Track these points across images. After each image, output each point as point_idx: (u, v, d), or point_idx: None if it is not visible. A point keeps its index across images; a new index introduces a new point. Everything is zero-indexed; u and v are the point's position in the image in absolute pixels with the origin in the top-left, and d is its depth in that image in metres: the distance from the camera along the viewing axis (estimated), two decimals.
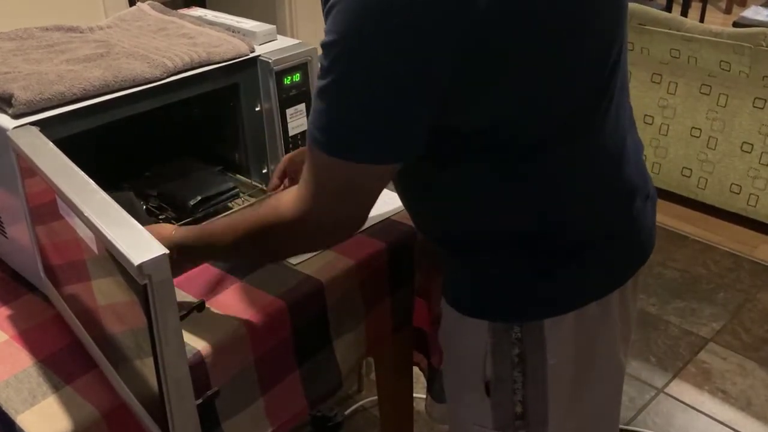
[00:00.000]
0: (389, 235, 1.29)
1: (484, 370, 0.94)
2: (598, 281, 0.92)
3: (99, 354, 0.95)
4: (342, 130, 0.77)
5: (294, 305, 1.14)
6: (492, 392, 0.95)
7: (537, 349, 0.91)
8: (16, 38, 1.23)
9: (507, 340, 0.91)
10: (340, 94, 0.75)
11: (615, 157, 0.90)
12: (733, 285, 2.54)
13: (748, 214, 2.81)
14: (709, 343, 2.28)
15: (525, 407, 0.94)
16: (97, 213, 0.77)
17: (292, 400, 1.20)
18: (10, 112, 1.00)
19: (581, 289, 0.91)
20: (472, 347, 0.95)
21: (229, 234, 0.93)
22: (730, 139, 2.75)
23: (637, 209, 0.94)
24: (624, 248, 0.94)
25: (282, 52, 1.23)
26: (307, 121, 0.83)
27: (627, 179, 0.92)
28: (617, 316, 0.94)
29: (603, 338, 0.95)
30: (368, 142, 0.77)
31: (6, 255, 1.21)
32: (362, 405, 2.01)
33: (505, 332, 0.91)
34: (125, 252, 0.71)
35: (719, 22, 5.15)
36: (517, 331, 0.90)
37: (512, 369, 0.92)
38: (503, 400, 0.95)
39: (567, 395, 0.95)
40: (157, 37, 1.26)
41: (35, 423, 0.91)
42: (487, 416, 0.97)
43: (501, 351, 0.92)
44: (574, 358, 0.93)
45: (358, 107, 0.75)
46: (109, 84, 1.07)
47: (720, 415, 2.01)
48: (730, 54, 2.59)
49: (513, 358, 0.92)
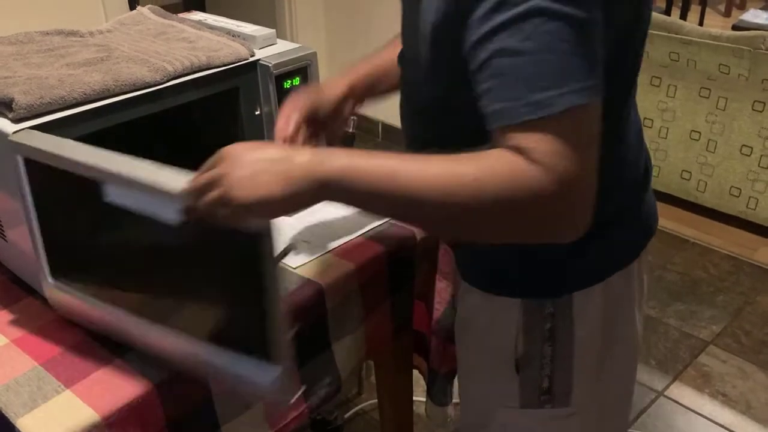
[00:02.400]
0: (389, 239, 1.29)
1: (515, 348, 0.96)
2: (622, 252, 0.95)
3: (146, 327, 0.98)
4: (576, 75, 0.68)
5: (293, 309, 1.14)
6: (521, 369, 0.96)
7: (567, 323, 0.93)
8: (17, 42, 1.24)
9: (539, 316, 0.93)
10: (562, 42, 0.68)
11: (639, 133, 0.94)
12: (732, 288, 2.54)
13: (748, 217, 2.82)
14: (709, 346, 2.28)
15: (551, 381, 0.97)
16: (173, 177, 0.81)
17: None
18: (10, 116, 1.01)
19: (609, 260, 0.93)
20: (503, 327, 0.96)
21: (422, 184, 0.72)
22: (730, 142, 2.75)
23: (650, 182, 0.99)
24: (643, 219, 0.97)
25: (282, 56, 1.24)
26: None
27: (645, 154, 0.97)
28: (636, 285, 0.98)
29: (624, 307, 0.98)
30: (595, 78, 0.70)
31: (6, 258, 1.21)
32: (362, 408, 2.01)
33: (538, 309, 0.93)
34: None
35: (718, 25, 5.15)
36: (549, 306, 0.92)
37: (542, 345, 0.94)
38: (532, 376, 0.97)
39: (591, 366, 0.97)
40: (157, 41, 1.26)
41: (35, 427, 0.91)
42: (514, 394, 0.98)
43: (532, 328, 0.94)
44: (599, 329, 0.95)
45: (583, 48, 0.68)
46: (110, 88, 1.08)
47: (720, 418, 2.01)
48: (730, 57, 2.59)
49: (544, 333, 0.94)
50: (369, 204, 0.77)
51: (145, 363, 1.01)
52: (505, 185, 0.69)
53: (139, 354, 1.02)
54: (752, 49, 2.53)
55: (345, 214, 1.37)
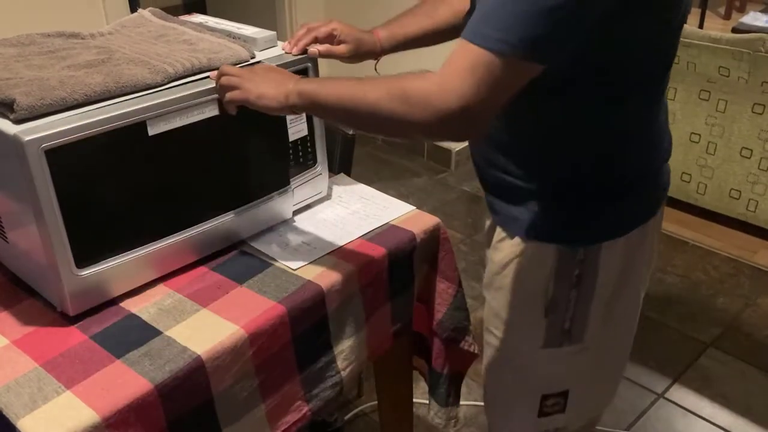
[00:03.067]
0: (389, 241, 1.29)
1: (546, 292, 1.08)
2: (644, 209, 1.09)
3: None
4: (525, 30, 0.84)
5: (294, 311, 1.14)
6: (549, 312, 1.09)
7: (592, 270, 1.06)
8: (18, 44, 1.24)
9: (570, 262, 1.05)
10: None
11: (666, 113, 1.09)
12: (732, 290, 2.54)
13: (748, 219, 2.82)
14: (708, 348, 2.28)
15: (572, 323, 1.10)
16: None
17: (293, 406, 1.20)
18: (11, 117, 1.01)
19: (633, 215, 1.07)
20: (537, 272, 1.08)
21: (360, 85, 0.98)
22: (730, 145, 2.75)
23: (670, 154, 1.12)
24: (660, 183, 1.11)
25: (282, 59, 1.24)
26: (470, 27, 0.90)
27: (669, 131, 1.11)
28: (648, 240, 1.11)
29: (638, 261, 1.10)
30: (545, 41, 0.85)
31: (6, 259, 1.21)
32: (362, 410, 2.01)
33: (570, 255, 1.05)
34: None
35: (718, 27, 5.16)
36: (581, 253, 1.05)
37: (570, 289, 1.07)
38: (558, 318, 1.10)
39: (603, 308, 1.10)
40: (158, 43, 1.26)
41: (36, 428, 0.92)
42: (539, 336, 1.11)
43: (563, 273, 1.06)
44: (616, 278, 1.08)
45: (549, 9, 0.83)
46: (111, 90, 1.08)
47: (720, 420, 2.01)
48: (729, 60, 2.60)
49: (573, 279, 1.06)
50: (319, 111, 1.10)
51: (145, 364, 1.01)
52: (394, 108, 0.93)
53: (139, 355, 1.03)
54: (752, 51, 2.53)
55: (346, 216, 1.38)
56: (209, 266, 1.23)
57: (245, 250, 1.28)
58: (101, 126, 1.03)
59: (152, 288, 1.18)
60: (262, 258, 1.25)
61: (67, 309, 1.09)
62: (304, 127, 1.32)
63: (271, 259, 1.25)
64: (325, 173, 1.39)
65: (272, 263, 1.24)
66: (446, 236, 1.36)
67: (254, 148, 1.26)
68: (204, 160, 1.19)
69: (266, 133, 1.27)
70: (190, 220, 1.20)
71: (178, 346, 1.04)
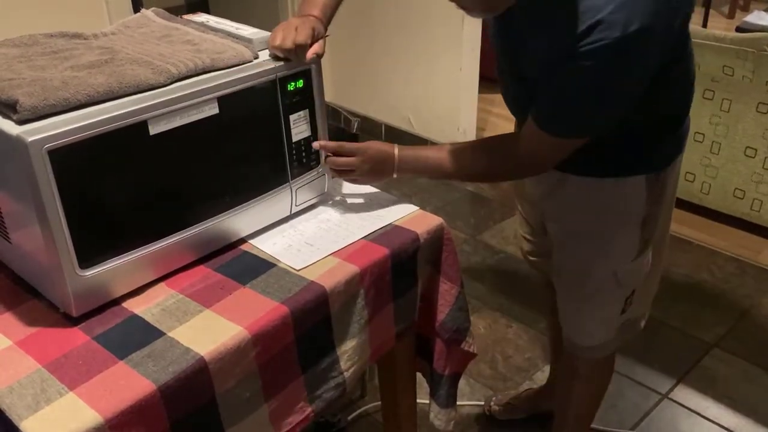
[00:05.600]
0: (392, 241, 1.29)
1: (642, 212, 1.35)
2: (682, 142, 1.39)
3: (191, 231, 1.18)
4: (593, 119, 1.18)
5: (297, 311, 1.14)
6: (644, 226, 1.37)
7: (664, 188, 1.37)
8: (21, 45, 1.24)
9: (656, 184, 1.34)
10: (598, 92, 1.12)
11: (694, 76, 1.35)
12: (737, 290, 2.54)
13: (752, 219, 2.81)
14: (713, 348, 2.27)
15: (651, 232, 1.39)
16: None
17: (296, 406, 1.20)
18: (14, 117, 1.01)
19: (679, 146, 1.38)
20: (633, 198, 1.34)
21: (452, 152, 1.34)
22: (734, 144, 2.75)
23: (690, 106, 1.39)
24: (685, 127, 1.39)
25: (290, 67, 1.24)
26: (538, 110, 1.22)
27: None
28: (679, 164, 1.43)
29: (675, 181, 1.43)
30: (612, 118, 1.19)
31: (10, 260, 1.21)
32: (365, 410, 2.01)
33: (655, 179, 1.34)
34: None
35: (722, 27, 5.15)
36: (663, 177, 1.35)
37: (658, 205, 1.37)
38: (649, 230, 1.38)
39: (662, 217, 1.43)
40: (161, 43, 1.26)
41: (39, 429, 0.91)
42: (634, 248, 1.39)
43: (653, 194, 1.35)
44: (671, 191, 1.41)
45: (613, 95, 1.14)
46: (114, 90, 1.08)
47: (724, 420, 2.00)
48: (733, 59, 2.59)
49: (657, 197, 1.36)
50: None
51: (148, 365, 1.01)
52: (501, 169, 1.36)
53: (142, 356, 1.03)
54: (756, 50, 2.53)
55: (349, 217, 1.37)
56: (212, 266, 1.23)
57: (248, 251, 1.28)
58: (103, 126, 1.03)
59: (155, 289, 1.18)
60: (265, 258, 1.25)
61: (70, 310, 1.09)
62: (307, 128, 1.32)
63: (274, 259, 1.25)
64: (328, 173, 1.39)
65: (275, 264, 1.24)
66: (449, 236, 1.36)
67: (254, 145, 1.26)
68: (205, 158, 1.19)
69: (266, 131, 1.27)
70: (192, 218, 1.20)
71: (181, 347, 1.04)
